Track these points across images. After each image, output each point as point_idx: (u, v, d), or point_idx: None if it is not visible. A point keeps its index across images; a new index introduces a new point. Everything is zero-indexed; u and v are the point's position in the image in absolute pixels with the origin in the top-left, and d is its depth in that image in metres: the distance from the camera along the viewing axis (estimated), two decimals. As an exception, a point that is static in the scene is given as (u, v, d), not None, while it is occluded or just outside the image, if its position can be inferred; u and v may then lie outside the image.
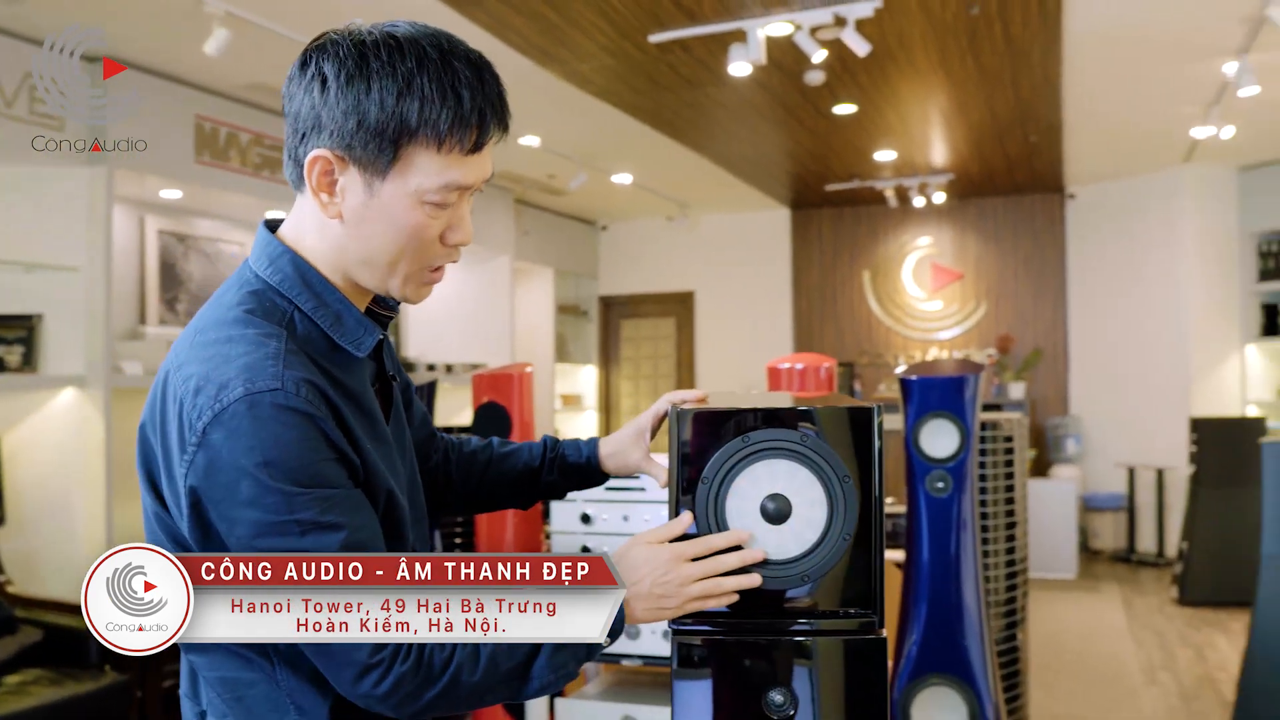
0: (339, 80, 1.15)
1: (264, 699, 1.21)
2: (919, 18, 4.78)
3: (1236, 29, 4.89)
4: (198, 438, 1.09)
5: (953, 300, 9.24)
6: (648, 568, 1.26)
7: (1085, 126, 6.77)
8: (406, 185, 1.17)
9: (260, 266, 1.23)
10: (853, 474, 1.35)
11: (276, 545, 1.09)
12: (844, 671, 1.37)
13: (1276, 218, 7.67)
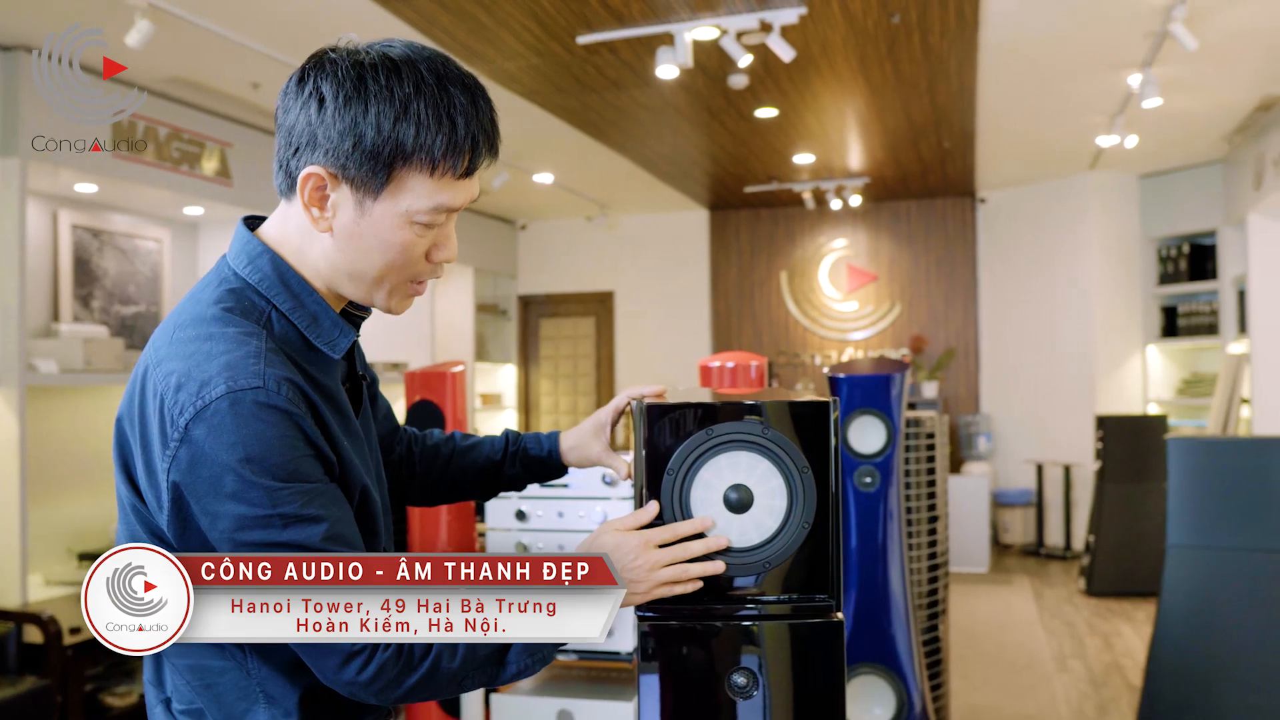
0: (337, 101, 1.17)
1: (233, 687, 1.22)
2: (841, 25, 4.89)
3: (1141, 43, 5.10)
4: (180, 433, 1.11)
5: (867, 301, 9.43)
6: (617, 554, 1.30)
7: (997, 133, 6.98)
8: (397, 206, 1.20)
9: (239, 265, 1.25)
10: (810, 465, 1.41)
11: (258, 538, 1.11)
12: (803, 652, 1.42)
13: (1175, 223, 7.99)
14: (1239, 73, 5.62)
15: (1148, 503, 6.59)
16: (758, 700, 1.40)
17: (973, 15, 4.78)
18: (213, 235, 6.47)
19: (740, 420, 1.41)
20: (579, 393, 10.24)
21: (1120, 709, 4.41)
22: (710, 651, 1.41)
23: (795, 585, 1.42)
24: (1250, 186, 6.78)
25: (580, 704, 3.08)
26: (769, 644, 1.41)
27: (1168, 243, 8.10)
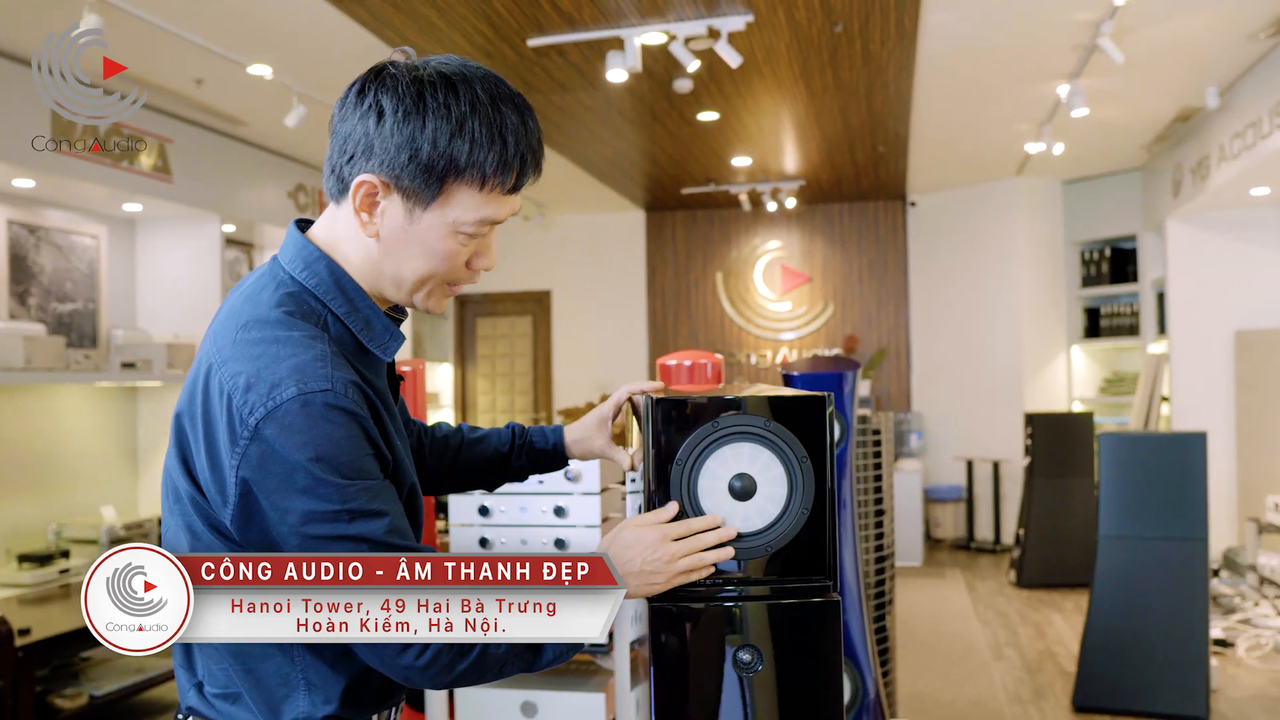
0: (396, 115, 1.23)
1: (275, 673, 1.27)
2: (786, 32, 5.01)
3: (1070, 55, 5.30)
4: (250, 431, 1.16)
5: (801, 301, 9.61)
6: (638, 548, 1.38)
7: (929, 139, 7.18)
8: (445, 216, 1.27)
9: (295, 269, 1.30)
10: (809, 455, 1.51)
11: (326, 532, 1.16)
12: (803, 629, 1.52)
13: (1096, 228, 8.28)
14: (1160, 85, 5.87)
15: (1074, 497, 6.84)
16: (762, 675, 1.49)
17: (912, 26, 4.94)
18: (151, 232, 6.39)
19: (744, 414, 1.50)
20: (516, 391, 10.27)
21: (1055, 693, 4.60)
22: (717, 631, 1.49)
23: (795, 568, 1.51)
24: (1169, 193, 7.07)
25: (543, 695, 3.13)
26: (771, 623, 1.50)
27: (1090, 247, 8.39)
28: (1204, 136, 6.34)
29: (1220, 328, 6.93)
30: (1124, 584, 4.33)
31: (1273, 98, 5.24)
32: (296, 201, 7.04)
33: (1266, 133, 5.33)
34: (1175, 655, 4.24)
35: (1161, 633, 4.26)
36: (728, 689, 1.49)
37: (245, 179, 6.59)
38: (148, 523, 5.72)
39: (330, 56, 5.11)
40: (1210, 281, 6.97)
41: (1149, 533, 4.30)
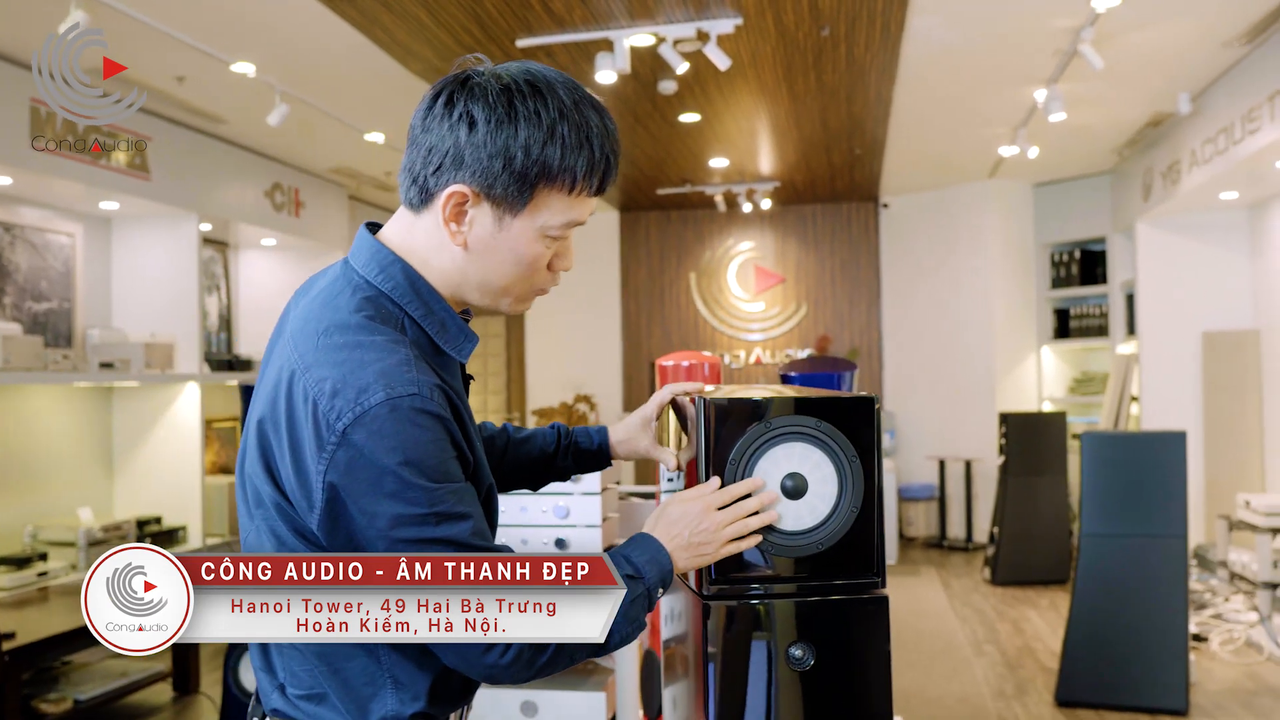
0: (489, 124, 1.24)
1: (361, 672, 1.28)
2: (774, 36, 5.06)
3: (1049, 61, 5.39)
4: (337, 437, 1.16)
5: (774, 302, 9.68)
6: (684, 521, 1.41)
7: (906, 141, 7.26)
8: (535, 222, 1.29)
9: (370, 272, 1.31)
10: (858, 455, 1.54)
11: (414, 535, 1.17)
12: (853, 625, 1.55)
13: (1065, 230, 8.41)
14: (1134, 90, 5.98)
15: (1047, 496, 6.95)
16: (813, 671, 1.52)
17: (898, 30, 5.00)
18: (127, 230, 6.32)
19: (796, 414, 1.53)
20: (489, 392, 10.25)
21: (1037, 687, 4.67)
22: (770, 627, 1.52)
23: (844, 565, 1.54)
24: (1139, 197, 7.20)
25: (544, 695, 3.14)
26: (822, 619, 1.53)
27: (1060, 249, 8.52)
28: (1175, 141, 6.46)
29: (1188, 329, 7.07)
30: (1105, 580, 4.41)
31: (1245, 104, 5.36)
32: (273, 200, 6.99)
33: (1239, 138, 5.45)
34: (1156, 650, 4.33)
35: (1142, 628, 4.35)
36: (780, 684, 1.52)
37: (223, 178, 6.54)
38: (125, 524, 5.66)
39: (317, 55, 5.09)
40: (1179, 283, 7.11)
41: (1130, 530, 4.38)
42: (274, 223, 7.01)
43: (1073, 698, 4.43)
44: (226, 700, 3.90)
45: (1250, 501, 5.51)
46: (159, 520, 6.01)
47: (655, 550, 1.38)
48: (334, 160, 7.23)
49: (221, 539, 6.34)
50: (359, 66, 5.28)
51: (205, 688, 4.81)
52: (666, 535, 1.40)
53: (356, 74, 5.42)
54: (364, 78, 5.49)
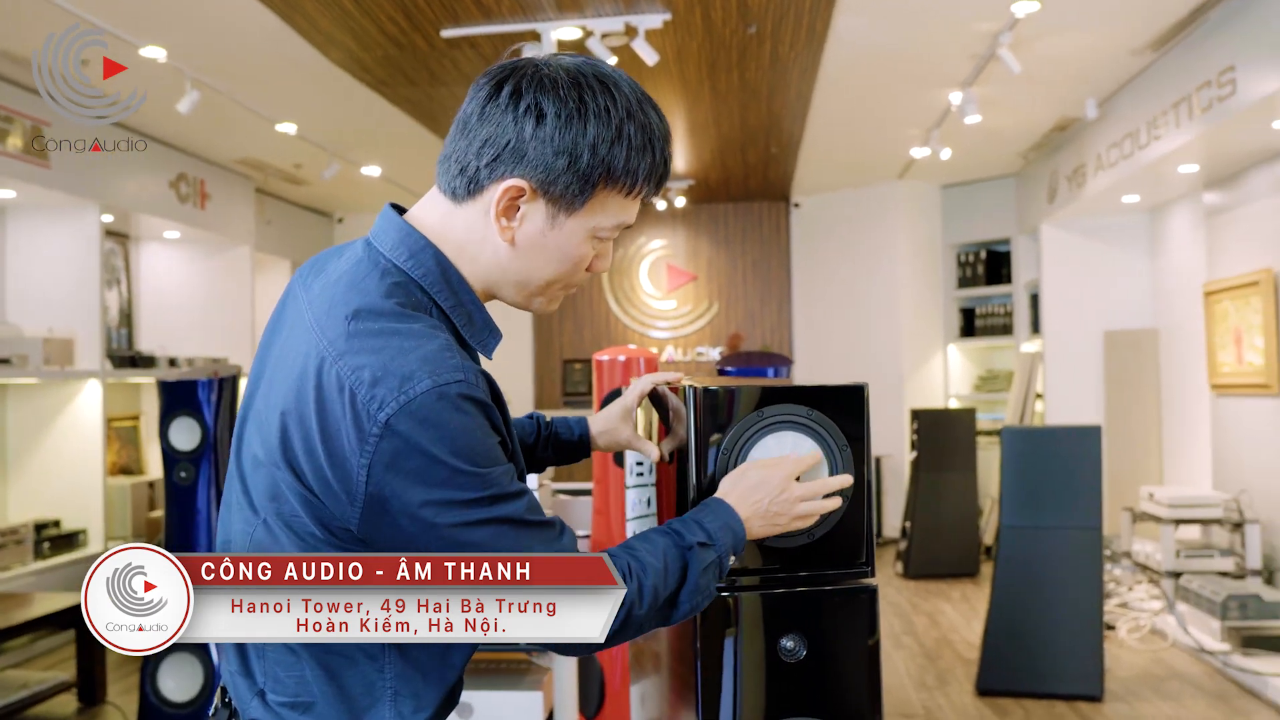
0: (559, 119, 1.19)
1: (360, 681, 1.22)
2: (700, 32, 5.06)
3: (967, 64, 5.50)
4: (379, 428, 1.11)
5: (686, 300, 9.71)
6: (765, 489, 1.39)
7: (821, 141, 7.34)
8: (589, 222, 1.24)
9: (399, 256, 1.24)
10: (849, 444, 1.53)
11: (466, 518, 1.13)
12: (844, 616, 1.54)
13: (971, 231, 8.61)
14: (1043, 95, 6.14)
15: (956, 490, 7.10)
16: (804, 661, 1.51)
17: (823, 30, 5.05)
18: (23, 220, 6.04)
19: (787, 403, 1.51)
20: (397, 390, 10.07)
21: (958, 678, 4.77)
22: (761, 618, 1.51)
23: (836, 555, 1.54)
24: (1045, 199, 7.41)
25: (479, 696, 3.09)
26: (815, 608, 1.52)
27: (966, 249, 8.72)
28: (1081, 145, 6.66)
29: (1090, 328, 7.30)
30: (1024, 571, 4.51)
31: (1150, 111, 5.55)
32: (178, 192, 6.76)
33: (1144, 143, 5.64)
34: (1072, 639, 4.45)
35: (1059, 617, 4.47)
36: (771, 676, 1.50)
37: (126, 167, 6.30)
38: (22, 528, 5.42)
39: (232, 40, 4.93)
40: (1081, 284, 7.33)
41: (1047, 522, 4.49)
42: (178, 215, 6.78)
43: (993, 687, 4.52)
44: (144, 710, 3.74)
45: (1154, 494, 5.70)
46: (58, 524, 5.77)
47: (729, 516, 1.35)
48: (242, 151, 7.03)
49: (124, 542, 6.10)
50: (276, 54, 5.13)
51: (114, 697, 4.62)
52: (745, 501, 1.38)
53: (273, 61, 5.26)
54: (280, 66, 5.33)
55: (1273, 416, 5.33)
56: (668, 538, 1.28)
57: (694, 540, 1.28)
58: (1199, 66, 4.97)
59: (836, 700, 1.53)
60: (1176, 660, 4.96)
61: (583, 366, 9.83)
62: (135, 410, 7.11)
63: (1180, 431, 6.70)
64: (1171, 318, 6.80)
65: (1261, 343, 5.37)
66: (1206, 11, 4.80)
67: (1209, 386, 6.02)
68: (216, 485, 3.73)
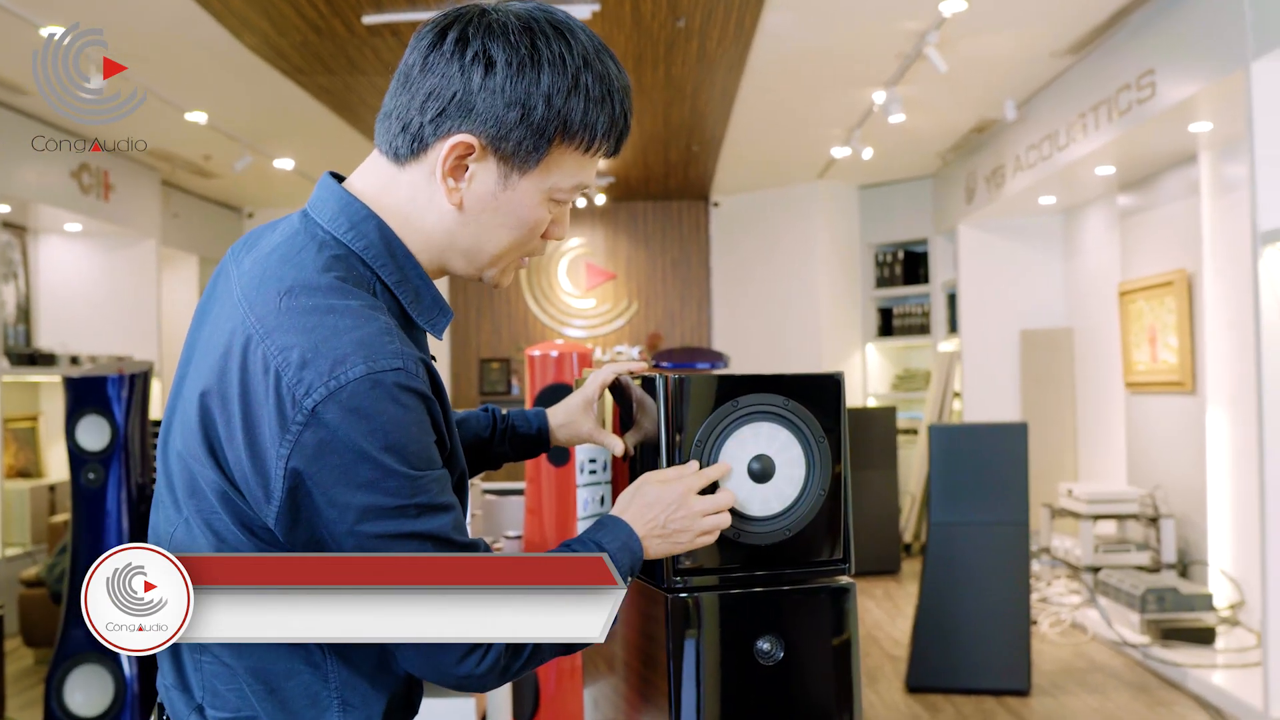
0: (510, 68, 1.09)
1: (303, 691, 1.13)
2: (629, 25, 5.00)
3: (892, 63, 5.53)
4: (305, 415, 1.00)
5: (605, 299, 9.65)
6: (660, 505, 1.29)
7: (742, 140, 7.33)
8: (544, 182, 1.14)
9: (338, 228, 1.14)
10: (825, 434, 1.47)
11: (390, 529, 1.03)
12: (821, 613, 1.48)
13: (889, 232, 8.70)
14: (963, 96, 6.21)
15: (877, 489, 7.13)
16: (783, 662, 1.44)
17: (752, 25, 5.02)
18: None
19: (763, 392, 1.45)
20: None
21: (886, 675, 4.77)
22: (737, 619, 1.44)
23: (814, 549, 1.48)
24: (962, 200, 7.50)
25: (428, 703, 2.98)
26: (790, 608, 1.46)
27: (884, 249, 8.80)
28: (1000, 147, 6.75)
29: (1007, 327, 7.41)
30: (952, 568, 4.53)
31: (1070, 113, 5.64)
32: (80, 182, 6.46)
33: (1063, 145, 5.73)
34: (1000, 634, 4.49)
35: (987, 613, 4.50)
36: (747, 678, 1.44)
37: (24, 155, 6.00)
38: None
39: (141, 22, 4.72)
40: (998, 283, 7.44)
41: (975, 518, 4.52)
42: (80, 206, 6.48)
43: (922, 683, 4.53)
44: (48, 724, 3.54)
45: (1072, 490, 5.80)
46: (-50, 529, 5.47)
47: (627, 535, 1.26)
48: (148, 141, 6.75)
49: (23, 549, 5.81)
50: (187, 37, 4.93)
51: (14, 711, 4.38)
52: (640, 520, 1.28)
53: (183, 45, 5.05)
54: (190, 50, 5.13)
55: (1186, 414, 5.45)
56: None
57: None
58: (1119, 69, 5.05)
59: (816, 700, 1.47)
60: (1098, 653, 5.03)
61: (500, 365, 9.70)
62: (34, 410, 6.79)
63: (1095, 428, 6.83)
64: (1086, 317, 6.93)
65: (1175, 342, 5.49)
66: (1127, 15, 4.89)
67: (1124, 384, 6.14)
68: (128, 487, 3.54)
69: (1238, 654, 4.65)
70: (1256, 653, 4.49)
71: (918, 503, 7.62)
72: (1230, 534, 5.18)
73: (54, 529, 5.43)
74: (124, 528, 3.52)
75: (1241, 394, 4.94)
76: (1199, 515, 5.33)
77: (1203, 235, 5.25)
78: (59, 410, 6.68)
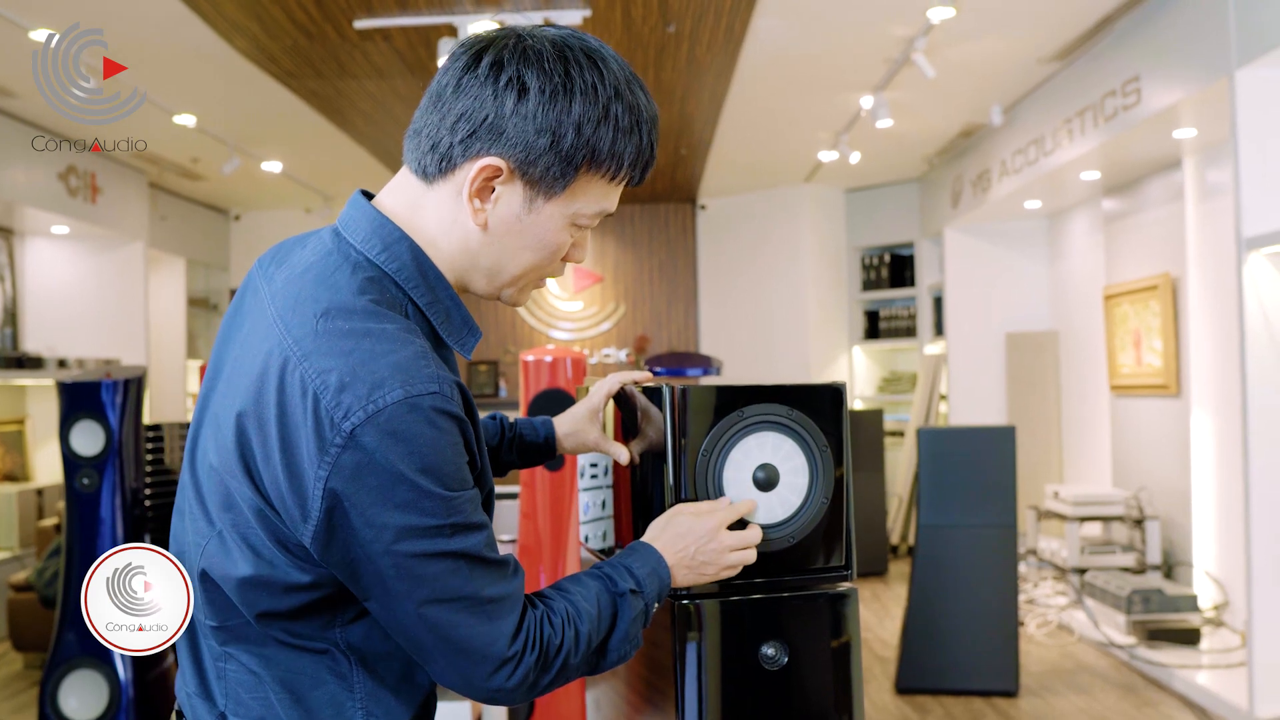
0: (543, 95, 1.10)
1: (328, 701, 1.15)
2: (620, 29, 5.02)
3: (880, 68, 5.56)
4: (343, 437, 1.02)
5: (593, 301, 9.66)
6: (692, 537, 1.34)
7: (730, 143, 7.35)
8: (568, 208, 1.16)
9: (371, 249, 1.16)
10: (829, 444, 1.50)
11: (425, 549, 1.05)
12: (823, 619, 1.51)
13: (875, 235, 8.74)
14: (950, 101, 6.25)
15: (864, 491, 7.17)
16: (787, 666, 1.47)
17: (741, 31, 5.05)
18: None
19: (769, 402, 1.47)
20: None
21: (876, 676, 4.81)
22: (742, 625, 1.46)
23: (816, 556, 1.50)
24: (948, 204, 7.55)
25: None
26: (795, 614, 1.49)
27: (870, 252, 8.85)
28: (986, 151, 6.80)
29: (992, 330, 7.46)
30: (941, 570, 4.57)
31: (1056, 118, 5.69)
32: (67, 184, 6.45)
33: (1049, 150, 5.78)
34: (988, 636, 4.53)
35: (976, 615, 4.53)
36: (751, 683, 1.46)
37: (10, 158, 5.98)
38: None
39: (131, 25, 4.71)
40: (983, 287, 7.49)
41: (963, 521, 4.56)
42: (67, 209, 6.46)
43: (912, 685, 4.57)
44: (41, 729, 3.54)
45: (1059, 492, 5.85)
46: (-63, 533, 5.45)
47: (656, 563, 1.30)
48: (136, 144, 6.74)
49: (11, 553, 5.79)
50: (177, 40, 4.92)
51: (4, 716, 4.37)
52: (671, 549, 1.32)
53: (173, 49, 5.05)
54: (180, 54, 5.12)
55: (1170, 416, 5.50)
56: (600, 582, 1.24)
57: (626, 587, 1.24)
58: (1104, 76, 5.10)
59: (819, 705, 1.50)
60: (1084, 654, 5.08)
61: (488, 368, 9.70)
62: (21, 414, 6.76)
63: (1080, 431, 6.88)
64: (1071, 320, 6.99)
65: (1160, 345, 5.55)
66: (1112, 23, 4.94)
67: (1108, 387, 6.20)
68: (122, 491, 3.54)
69: (1222, 654, 4.71)
70: (1241, 653, 4.55)
71: (905, 504, 7.67)
72: (1214, 535, 5.23)
73: (42, 533, 5.42)
74: (118, 532, 3.52)
75: (1225, 397, 5.00)
76: (1184, 517, 5.39)
77: (1187, 240, 5.31)
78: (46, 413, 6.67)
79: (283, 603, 1.10)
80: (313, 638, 1.13)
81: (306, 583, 1.09)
